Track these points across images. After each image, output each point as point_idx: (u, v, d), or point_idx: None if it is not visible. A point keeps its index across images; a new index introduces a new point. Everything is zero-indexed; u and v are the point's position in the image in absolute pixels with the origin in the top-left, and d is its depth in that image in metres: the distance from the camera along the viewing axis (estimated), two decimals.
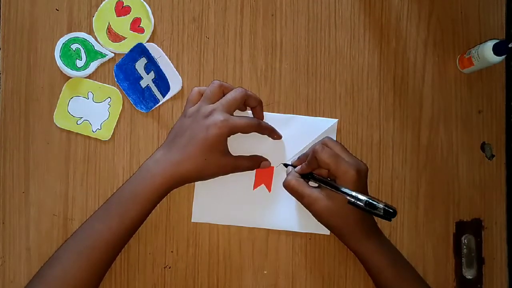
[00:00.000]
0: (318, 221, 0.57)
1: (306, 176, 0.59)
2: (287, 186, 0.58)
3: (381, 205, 0.53)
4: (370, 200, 0.53)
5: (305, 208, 0.58)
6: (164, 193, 0.56)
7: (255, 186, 0.62)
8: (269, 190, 0.62)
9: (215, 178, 0.58)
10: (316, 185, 0.58)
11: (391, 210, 0.53)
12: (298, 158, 0.61)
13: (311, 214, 0.57)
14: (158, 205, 0.56)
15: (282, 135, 0.62)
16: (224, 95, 0.58)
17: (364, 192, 0.56)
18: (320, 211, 0.56)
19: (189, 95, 0.59)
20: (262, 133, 0.60)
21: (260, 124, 0.58)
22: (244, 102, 0.58)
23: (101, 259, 0.54)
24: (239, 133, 0.57)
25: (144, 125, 0.63)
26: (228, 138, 0.57)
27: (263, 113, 0.61)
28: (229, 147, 0.57)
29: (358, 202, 0.54)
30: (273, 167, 0.62)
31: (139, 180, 0.55)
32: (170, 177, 0.55)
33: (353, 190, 0.54)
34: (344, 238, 0.57)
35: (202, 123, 0.55)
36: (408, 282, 0.56)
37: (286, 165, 0.61)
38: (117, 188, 0.57)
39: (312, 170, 0.58)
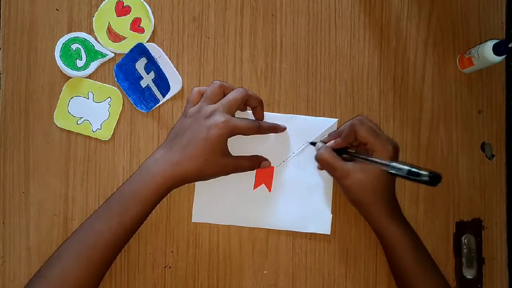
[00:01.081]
0: (347, 195, 0.58)
1: (339, 151, 0.59)
2: (320, 159, 0.58)
3: (425, 172, 0.52)
4: (413, 169, 0.53)
5: (305, 208, 0.58)
6: (165, 193, 0.55)
7: (255, 186, 0.62)
8: (269, 190, 0.62)
9: (215, 178, 0.58)
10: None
11: (437, 174, 0.52)
12: (329, 135, 0.61)
13: (311, 214, 0.57)
14: (158, 205, 0.56)
15: (282, 135, 0.62)
16: (224, 95, 0.58)
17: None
18: (352, 184, 0.56)
19: (189, 95, 0.59)
20: (264, 133, 0.60)
21: (260, 127, 0.58)
22: (245, 102, 0.58)
23: (101, 259, 0.54)
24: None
25: (144, 125, 0.63)
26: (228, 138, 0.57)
27: (263, 113, 0.61)
28: (229, 147, 0.57)
29: (400, 171, 0.53)
30: (273, 167, 0.62)
31: (139, 180, 0.55)
32: (170, 177, 0.55)
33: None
34: (371, 215, 0.57)
35: (203, 123, 0.55)
36: (426, 270, 0.56)
37: (313, 143, 0.61)
38: (117, 188, 0.57)
39: (347, 145, 0.59)
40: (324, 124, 0.63)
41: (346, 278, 0.62)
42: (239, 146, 0.60)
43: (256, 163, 0.60)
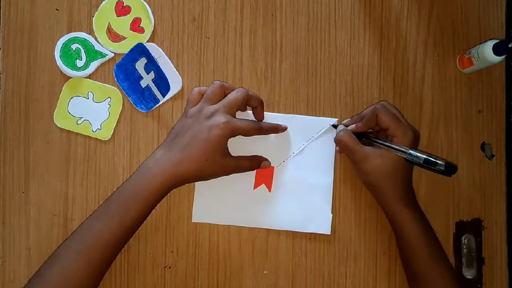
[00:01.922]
0: (363, 179, 0.58)
1: (359, 135, 0.59)
2: (339, 141, 0.59)
3: (442, 162, 0.54)
4: (430, 158, 0.54)
5: (305, 208, 0.58)
6: (165, 192, 0.55)
7: (255, 186, 0.62)
8: (269, 190, 0.62)
9: (216, 178, 0.58)
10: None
11: (453, 165, 0.54)
12: (351, 118, 0.62)
13: (311, 214, 0.57)
14: (158, 205, 0.56)
15: (282, 135, 0.62)
16: (225, 96, 0.58)
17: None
18: (371, 168, 0.56)
19: (190, 96, 0.59)
20: (265, 134, 0.61)
21: (261, 128, 0.59)
22: (245, 103, 0.58)
23: (101, 259, 0.54)
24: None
25: (144, 125, 0.63)
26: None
27: (264, 113, 0.61)
28: (229, 147, 0.57)
29: (417, 159, 0.54)
30: (273, 167, 0.62)
31: (139, 179, 0.55)
32: (170, 177, 0.54)
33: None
34: (386, 201, 0.58)
35: (204, 124, 0.55)
36: (434, 257, 0.57)
37: (335, 126, 0.62)
38: (117, 187, 0.56)
39: (368, 129, 0.59)
40: (324, 124, 0.63)
41: (346, 278, 0.62)
42: (239, 146, 0.60)
43: (256, 163, 0.60)
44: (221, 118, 0.55)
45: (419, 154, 0.54)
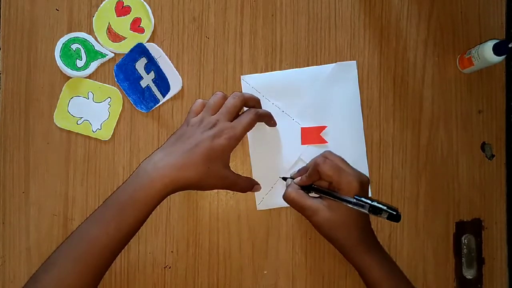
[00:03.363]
0: (319, 232, 0.57)
1: (306, 188, 0.58)
2: (287, 198, 0.58)
3: (385, 210, 0.53)
4: (375, 204, 0.53)
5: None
6: (162, 198, 0.54)
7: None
8: (326, 142, 0.62)
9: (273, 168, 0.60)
10: (317, 196, 0.58)
11: (394, 213, 0.53)
12: (298, 171, 0.61)
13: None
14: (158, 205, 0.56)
15: (298, 88, 0.62)
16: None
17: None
18: (322, 222, 0.56)
19: (192, 106, 0.59)
20: (262, 121, 0.60)
21: (259, 115, 0.58)
22: (243, 105, 0.58)
23: (97, 265, 0.53)
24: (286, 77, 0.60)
25: (144, 125, 0.63)
26: None
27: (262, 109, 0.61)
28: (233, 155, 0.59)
29: (362, 209, 0.54)
30: (324, 126, 0.62)
31: (136, 184, 0.53)
32: (170, 183, 0.53)
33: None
34: (344, 250, 0.57)
35: (206, 133, 0.55)
36: None
37: (284, 178, 0.61)
38: (114, 190, 0.55)
39: (313, 182, 0.58)
40: (341, 70, 0.63)
41: (346, 278, 0.62)
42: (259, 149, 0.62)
43: (250, 185, 0.60)
44: (224, 127, 0.55)
45: (364, 203, 0.53)
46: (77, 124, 0.62)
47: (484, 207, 0.64)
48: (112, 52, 0.62)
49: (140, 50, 0.62)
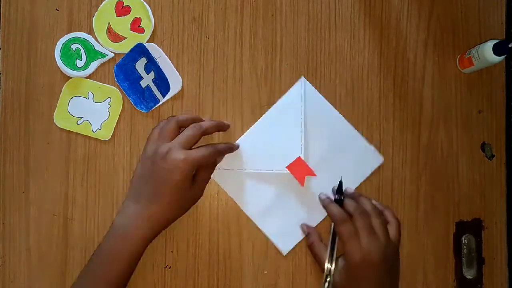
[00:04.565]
0: None
1: (338, 201, 0.59)
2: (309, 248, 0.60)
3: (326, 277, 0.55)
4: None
5: (351, 157, 0.62)
6: (146, 246, 0.55)
7: (301, 183, 0.61)
8: (315, 175, 0.61)
9: (272, 208, 0.61)
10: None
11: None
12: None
13: (358, 157, 0.62)
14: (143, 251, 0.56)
15: (277, 129, 0.62)
16: (181, 130, 0.57)
17: (362, 286, 0.54)
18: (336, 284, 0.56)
19: (150, 135, 0.58)
20: (224, 154, 0.60)
21: (219, 150, 0.58)
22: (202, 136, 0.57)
23: None
24: (250, 138, 0.59)
25: (144, 125, 0.63)
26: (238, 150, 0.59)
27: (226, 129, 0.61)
28: (242, 152, 0.60)
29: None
30: (299, 157, 0.61)
31: (116, 239, 0.54)
32: (150, 231, 0.55)
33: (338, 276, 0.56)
34: None
35: (161, 166, 0.53)
36: None
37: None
38: (97, 247, 0.56)
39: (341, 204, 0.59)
40: (295, 94, 0.62)
41: None
42: (251, 150, 0.61)
43: (225, 151, 0.60)
44: (177, 155, 0.53)
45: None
46: (77, 124, 0.62)
47: (484, 207, 0.64)
48: (112, 52, 0.62)
49: (140, 50, 0.62)
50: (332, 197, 0.60)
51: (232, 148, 0.61)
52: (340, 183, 0.60)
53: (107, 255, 0.54)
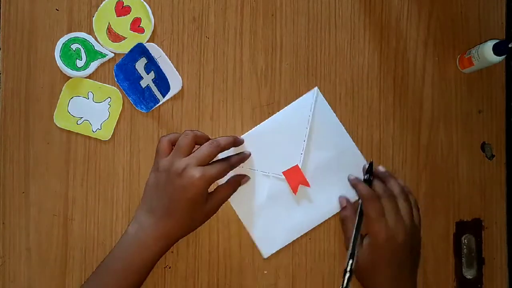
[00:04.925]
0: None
1: (367, 181, 0.60)
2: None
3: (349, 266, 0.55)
4: (345, 280, 0.55)
5: (345, 172, 0.62)
6: (159, 258, 0.55)
7: (295, 191, 0.61)
8: (308, 185, 0.61)
9: (261, 209, 0.61)
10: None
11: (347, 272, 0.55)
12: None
13: (354, 170, 0.62)
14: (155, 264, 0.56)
15: (281, 133, 0.62)
16: (197, 145, 0.57)
17: (383, 266, 0.55)
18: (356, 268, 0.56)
19: (159, 145, 0.57)
20: (236, 167, 0.60)
21: (232, 165, 0.58)
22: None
23: None
24: (253, 137, 0.60)
25: (144, 125, 0.63)
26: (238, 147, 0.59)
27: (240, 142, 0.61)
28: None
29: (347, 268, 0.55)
30: (297, 165, 0.61)
31: (131, 250, 0.54)
32: (165, 244, 0.55)
33: (364, 256, 0.56)
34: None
35: (178, 182, 0.53)
36: None
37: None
38: (105, 257, 0.56)
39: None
40: (305, 100, 0.63)
41: None
42: (253, 154, 0.62)
43: (236, 184, 0.60)
44: (194, 173, 0.53)
45: (348, 268, 0.55)
46: (77, 124, 0.62)
47: (484, 207, 0.64)
48: (112, 52, 0.62)
49: (140, 50, 0.62)
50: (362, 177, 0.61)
51: (244, 158, 0.60)
52: (371, 164, 0.60)
53: (120, 265, 0.54)
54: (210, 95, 0.63)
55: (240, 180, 0.60)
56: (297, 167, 0.61)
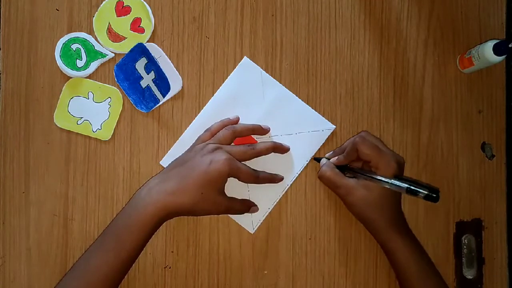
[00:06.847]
0: (352, 212, 0.58)
1: (342, 168, 0.59)
2: (322, 176, 0.59)
3: (423, 190, 0.52)
4: (412, 187, 0.53)
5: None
6: (157, 224, 0.54)
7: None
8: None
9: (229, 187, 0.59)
10: (351, 176, 0.58)
11: (434, 195, 0.52)
12: (333, 152, 0.61)
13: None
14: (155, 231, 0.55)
15: (279, 113, 0.62)
16: (234, 139, 0.59)
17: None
18: (356, 201, 0.56)
19: (201, 134, 0.60)
20: (261, 183, 0.60)
21: (259, 177, 0.58)
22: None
23: None
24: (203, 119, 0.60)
25: (144, 125, 0.63)
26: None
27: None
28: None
29: (399, 189, 0.54)
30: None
31: (131, 209, 0.54)
32: (163, 207, 0.53)
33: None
34: (376, 230, 0.57)
35: (205, 157, 0.54)
36: (430, 280, 0.57)
37: (318, 159, 0.62)
38: (113, 218, 0.56)
39: (349, 162, 0.59)
40: (320, 125, 0.63)
41: (346, 278, 0.62)
42: (250, 163, 0.60)
43: (246, 207, 0.60)
44: (223, 155, 0.54)
45: (401, 184, 0.54)
46: (77, 124, 0.62)
47: (484, 207, 0.64)
48: (112, 52, 0.62)
49: (140, 50, 0.62)
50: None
51: (274, 178, 0.61)
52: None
53: (120, 226, 0.54)
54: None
55: (251, 205, 0.60)
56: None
